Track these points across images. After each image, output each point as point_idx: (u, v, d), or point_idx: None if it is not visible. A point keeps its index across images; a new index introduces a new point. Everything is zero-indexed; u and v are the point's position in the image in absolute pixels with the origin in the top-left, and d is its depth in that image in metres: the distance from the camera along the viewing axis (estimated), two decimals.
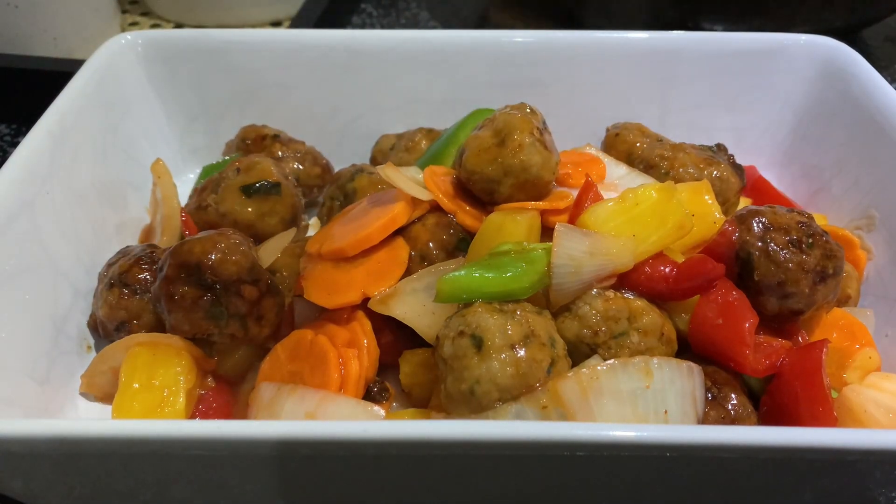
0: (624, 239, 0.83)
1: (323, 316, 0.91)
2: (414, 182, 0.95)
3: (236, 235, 0.88)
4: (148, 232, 1.10)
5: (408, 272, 0.88)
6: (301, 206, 1.07)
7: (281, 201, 1.02)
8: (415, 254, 0.90)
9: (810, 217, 0.87)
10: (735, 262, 0.85)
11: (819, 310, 0.86)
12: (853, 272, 0.98)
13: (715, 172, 0.99)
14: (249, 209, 1.01)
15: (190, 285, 0.85)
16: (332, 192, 1.09)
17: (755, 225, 0.84)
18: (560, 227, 0.82)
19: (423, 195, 0.93)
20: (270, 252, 0.96)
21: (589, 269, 0.82)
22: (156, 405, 0.84)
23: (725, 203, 0.98)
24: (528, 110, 0.93)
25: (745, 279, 0.84)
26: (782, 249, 0.83)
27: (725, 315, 0.81)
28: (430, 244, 0.90)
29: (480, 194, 0.92)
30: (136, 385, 0.86)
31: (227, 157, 1.20)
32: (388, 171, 0.94)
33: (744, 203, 1.03)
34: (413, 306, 0.85)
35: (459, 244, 0.91)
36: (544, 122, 0.93)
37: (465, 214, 0.92)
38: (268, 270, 0.91)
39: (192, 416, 0.87)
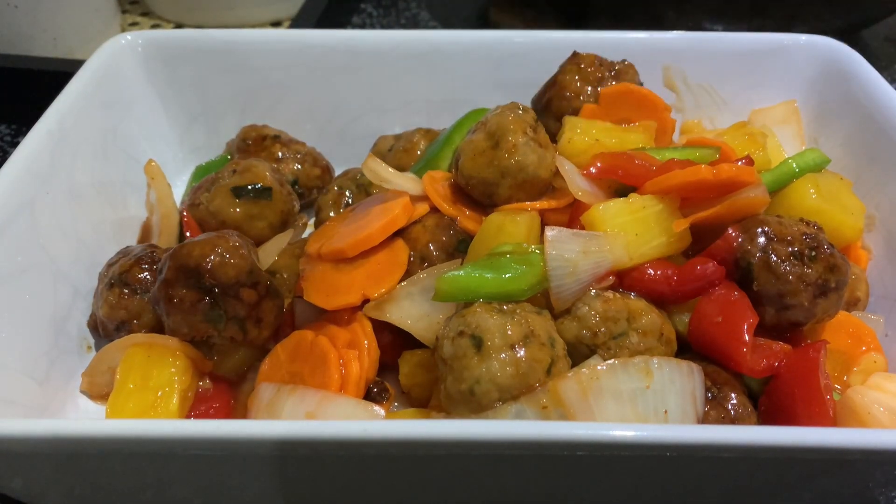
0: (617, 234, 0.83)
1: (323, 317, 0.91)
2: (400, 175, 0.95)
3: (236, 238, 0.87)
4: (146, 230, 1.10)
5: (408, 273, 0.88)
6: (294, 212, 1.07)
7: (270, 206, 1.03)
8: (415, 255, 0.90)
9: (819, 228, 0.86)
10: (735, 270, 0.84)
11: (820, 322, 0.85)
12: (862, 275, 0.98)
13: None
14: (237, 210, 1.01)
15: (188, 288, 0.84)
16: (341, 181, 1.09)
17: (758, 234, 0.83)
18: (549, 231, 0.82)
19: (413, 189, 0.93)
20: (268, 254, 0.96)
21: (585, 268, 0.82)
22: (150, 406, 0.84)
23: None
24: (520, 110, 0.92)
25: (745, 288, 0.83)
26: (783, 261, 0.81)
27: (725, 313, 0.81)
28: (430, 245, 0.90)
29: (480, 198, 0.92)
30: (132, 385, 0.86)
31: (218, 157, 1.21)
32: (370, 165, 0.94)
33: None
34: (409, 310, 0.85)
35: (459, 245, 0.91)
36: (536, 120, 0.93)
37: (466, 219, 0.92)
38: (268, 272, 0.91)
39: (188, 417, 0.87)
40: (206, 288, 0.84)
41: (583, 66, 1.06)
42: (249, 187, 1.02)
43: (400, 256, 0.89)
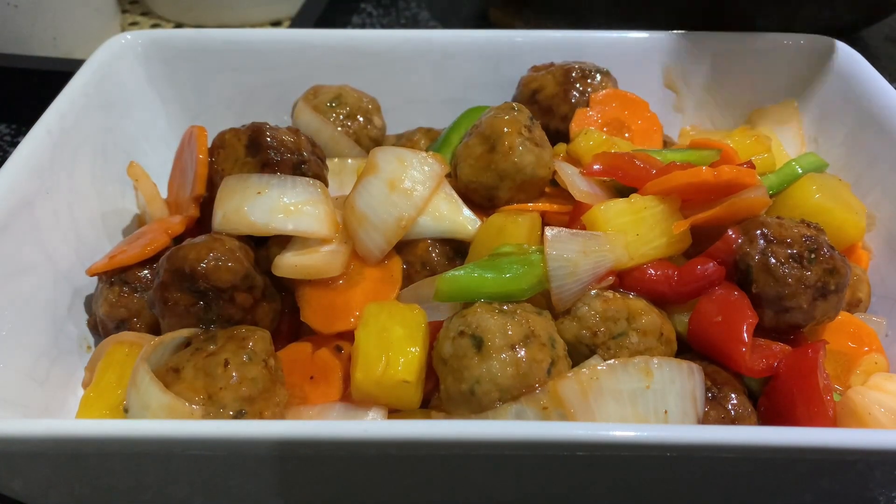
0: (616, 235, 0.83)
1: None
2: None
3: (231, 241, 0.87)
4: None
5: (409, 279, 0.89)
6: None
7: None
8: (415, 260, 0.90)
9: (819, 230, 0.86)
10: (735, 272, 0.84)
11: (819, 324, 0.85)
12: (864, 275, 0.97)
13: None
14: None
15: (183, 292, 0.84)
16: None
17: (757, 236, 0.83)
18: (549, 231, 0.82)
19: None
20: None
21: (586, 268, 0.82)
22: (118, 403, 0.83)
23: None
24: (514, 110, 0.92)
25: (744, 290, 0.83)
26: (782, 263, 0.81)
27: (725, 313, 0.81)
28: (431, 250, 0.90)
29: (481, 201, 0.92)
30: (105, 382, 0.85)
31: None
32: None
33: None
34: None
35: (460, 248, 0.91)
36: (532, 119, 0.93)
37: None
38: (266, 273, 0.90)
39: None
40: (201, 291, 0.84)
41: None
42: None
43: (394, 273, 0.89)
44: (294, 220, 0.87)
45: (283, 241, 0.89)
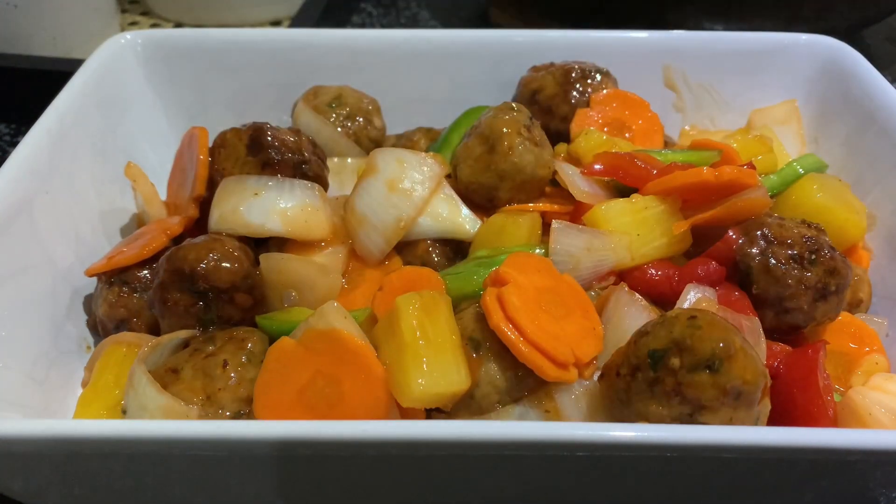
0: (621, 235, 0.83)
1: None
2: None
3: (231, 242, 0.87)
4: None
5: None
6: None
7: None
8: (415, 260, 0.90)
9: (820, 230, 0.85)
10: (735, 273, 0.84)
11: (820, 325, 0.85)
12: (864, 275, 0.97)
13: None
14: None
15: (183, 292, 0.84)
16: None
17: (758, 237, 0.83)
18: (556, 224, 0.82)
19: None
20: None
21: (587, 265, 0.82)
22: (115, 403, 0.83)
23: None
24: (514, 110, 0.92)
25: (745, 290, 0.83)
26: (783, 264, 0.81)
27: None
28: (430, 250, 0.90)
29: (481, 202, 0.92)
30: (103, 382, 0.85)
31: None
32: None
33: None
34: None
35: (460, 248, 0.91)
36: (531, 118, 0.93)
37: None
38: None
39: None
40: (201, 291, 0.84)
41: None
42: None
43: None
44: (290, 222, 0.87)
45: (283, 243, 0.89)
